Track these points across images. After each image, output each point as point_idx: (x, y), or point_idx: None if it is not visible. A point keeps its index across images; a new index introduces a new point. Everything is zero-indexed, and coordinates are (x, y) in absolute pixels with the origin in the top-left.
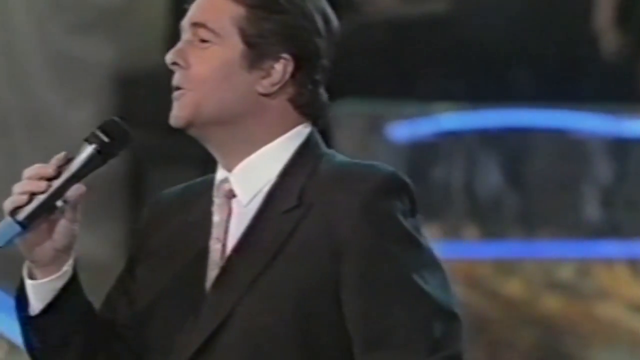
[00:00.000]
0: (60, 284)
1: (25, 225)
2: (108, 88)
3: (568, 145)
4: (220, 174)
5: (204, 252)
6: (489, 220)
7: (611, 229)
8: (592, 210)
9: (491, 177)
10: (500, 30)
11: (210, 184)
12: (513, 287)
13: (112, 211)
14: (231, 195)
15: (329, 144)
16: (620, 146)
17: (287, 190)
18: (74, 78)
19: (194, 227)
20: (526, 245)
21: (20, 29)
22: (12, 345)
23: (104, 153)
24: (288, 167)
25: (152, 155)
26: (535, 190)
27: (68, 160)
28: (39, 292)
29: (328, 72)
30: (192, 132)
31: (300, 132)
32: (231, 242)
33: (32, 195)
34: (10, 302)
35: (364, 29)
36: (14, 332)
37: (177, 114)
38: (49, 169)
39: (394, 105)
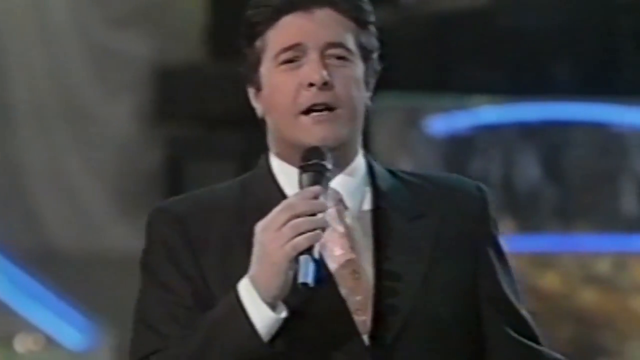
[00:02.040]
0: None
1: (318, 261)
2: (146, 82)
3: (606, 138)
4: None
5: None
6: (526, 214)
7: None
8: (629, 204)
9: (529, 170)
10: (540, 23)
11: (244, 192)
12: (550, 281)
13: (149, 204)
14: (341, 204)
15: (366, 139)
16: None
17: (395, 199)
18: (113, 72)
19: None
20: (563, 239)
21: (60, 23)
22: (49, 340)
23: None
24: (372, 175)
25: (190, 149)
26: (573, 184)
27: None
28: (274, 326)
29: None
30: (332, 148)
31: None
32: (365, 251)
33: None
34: (51, 299)
35: (402, 22)
36: (52, 327)
37: (332, 135)
38: (322, 204)
39: (432, 99)
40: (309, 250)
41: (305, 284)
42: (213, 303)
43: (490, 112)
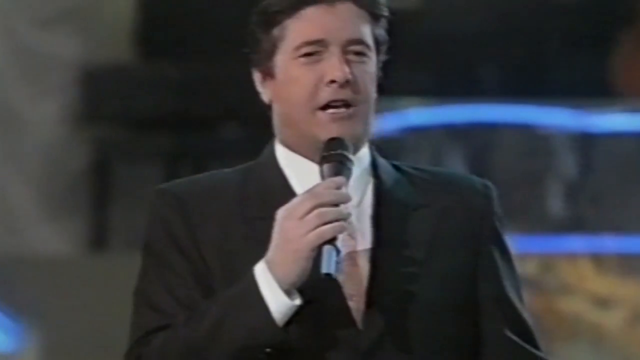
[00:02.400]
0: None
1: (340, 251)
2: (74, 83)
3: (533, 140)
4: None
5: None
6: None
7: (575, 224)
8: (556, 205)
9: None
10: (467, 26)
11: (247, 177)
12: None
13: (76, 206)
14: None
15: None
16: (585, 141)
17: (397, 190)
18: (40, 73)
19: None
20: None
21: None
22: None
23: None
24: (374, 167)
25: (118, 151)
26: (500, 186)
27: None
28: (288, 313)
29: None
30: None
31: None
32: (363, 239)
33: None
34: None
35: None
36: None
37: (349, 132)
38: (346, 195)
39: None
40: (331, 241)
41: (329, 275)
42: (211, 285)
43: (418, 114)
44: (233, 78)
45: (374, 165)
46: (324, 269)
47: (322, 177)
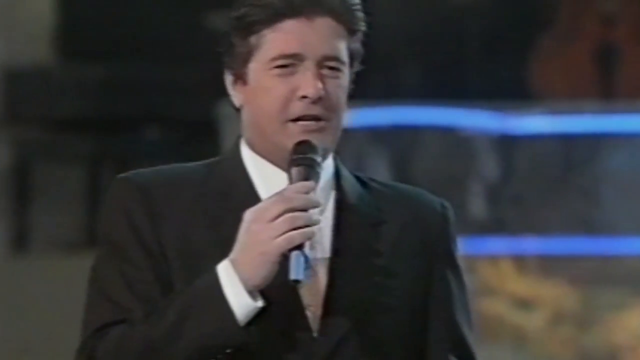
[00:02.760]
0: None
1: (307, 257)
2: None
3: (455, 142)
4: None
5: None
6: None
7: (496, 226)
8: (477, 207)
9: (379, 175)
10: (387, 28)
11: (211, 173)
12: None
13: None
14: None
15: (218, 143)
16: (506, 143)
17: (359, 202)
18: None
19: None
20: None
21: None
22: None
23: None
24: (337, 178)
25: (38, 152)
26: (422, 188)
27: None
28: (250, 315)
29: None
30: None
31: None
32: (322, 251)
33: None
34: None
35: None
36: None
37: (320, 144)
38: (316, 200)
39: None
40: (300, 247)
41: (297, 281)
42: (171, 281)
43: None
44: (154, 80)
45: (337, 176)
46: (292, 275)
47: (291, 180)
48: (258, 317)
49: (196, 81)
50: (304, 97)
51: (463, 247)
